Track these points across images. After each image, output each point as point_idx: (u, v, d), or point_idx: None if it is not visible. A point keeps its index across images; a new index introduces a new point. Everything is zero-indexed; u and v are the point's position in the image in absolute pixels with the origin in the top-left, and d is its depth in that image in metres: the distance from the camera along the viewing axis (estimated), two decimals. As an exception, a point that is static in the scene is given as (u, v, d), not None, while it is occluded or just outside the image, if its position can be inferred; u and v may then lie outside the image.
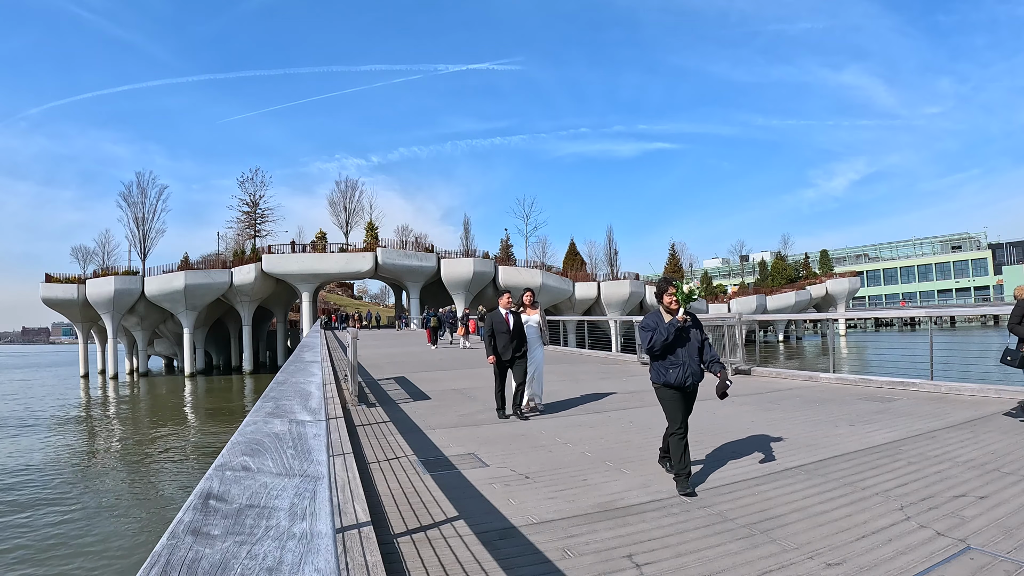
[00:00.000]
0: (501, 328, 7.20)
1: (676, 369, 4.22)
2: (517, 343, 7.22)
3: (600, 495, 4.06)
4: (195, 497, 1.05)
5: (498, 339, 7.18)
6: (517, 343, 7.22)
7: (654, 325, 4.31)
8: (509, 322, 7.24)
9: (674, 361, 4.24)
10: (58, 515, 12.71)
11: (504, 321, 7.24)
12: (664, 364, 4.27)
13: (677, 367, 4.23)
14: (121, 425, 25.60)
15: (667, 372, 4.25)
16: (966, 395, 7.48)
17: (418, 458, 5.21)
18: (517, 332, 7.26)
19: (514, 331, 7.21)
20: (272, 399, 2.34)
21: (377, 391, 9.84)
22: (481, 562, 3.01)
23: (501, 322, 7.22)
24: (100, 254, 51.25)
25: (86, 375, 47.78)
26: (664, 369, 4.27)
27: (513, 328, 7.22)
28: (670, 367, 4.24)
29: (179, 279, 44.30)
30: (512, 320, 7.26)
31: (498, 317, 7.27)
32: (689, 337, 4.31)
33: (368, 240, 51.40)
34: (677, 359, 4.24)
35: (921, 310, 10.74)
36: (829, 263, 79.43)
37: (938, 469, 4.34)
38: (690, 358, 4.25)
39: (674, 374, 4.22)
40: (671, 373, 4.23)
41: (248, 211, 55.62)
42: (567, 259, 61.40)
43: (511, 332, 7.20)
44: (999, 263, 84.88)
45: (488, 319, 7.27)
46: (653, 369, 4.38)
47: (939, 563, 2.80)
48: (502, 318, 7.26)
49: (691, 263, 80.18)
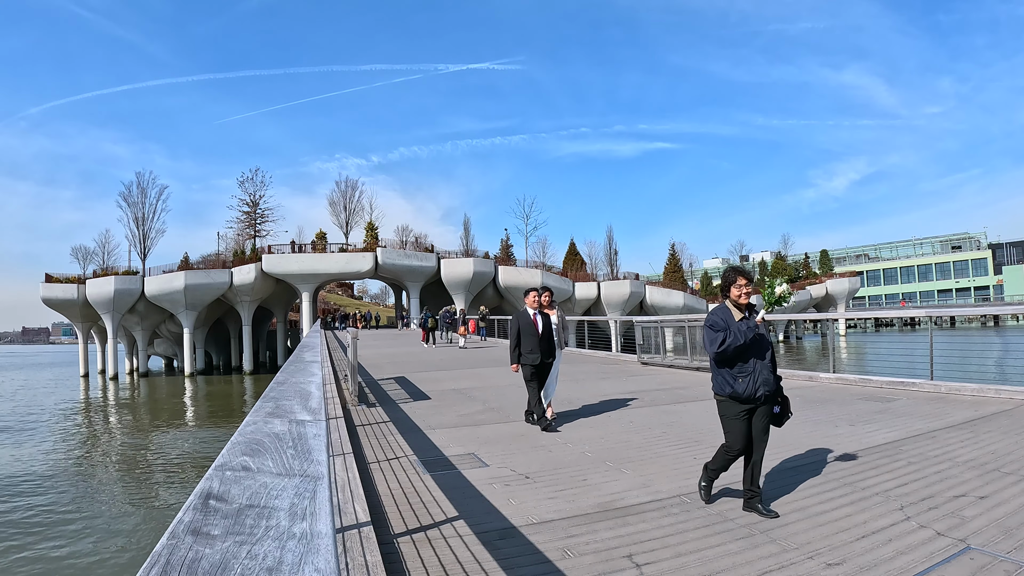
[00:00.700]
0: (529, 331, 6.48)
1: (746, 378, 3.60)
2: (547, 348, 6.50)
3: (600, 495, 4.06)
4: (195, 497, 1.05)
5: (525, 342, 6.47)
6: (547, 348, 6.50)
7: (724, 324, 3.65)
8: (538, 324, 6.51)
9: (744, 369, 3.61)
10: (58, 515, 12.70)
11: (532, 323, 6.51)
12: (732, 372, 3.63)
13: (747, 376, 3.60)
14: (121, 425, 25.59)
15: (735, 381, 3.61)
16: (966, 395, 7.48)
17: (418, 458, 5.21)
18: (547, 335, 6.53)
19: (544, 334, 6.49)
20: (272, 399, 2.34)
21: (377, 391, 9.84)
22: (481, 562, 3.01)
23: (529, 324, 6.51)
24: (100, 254, 51.33)
25: (86, 375, 47.79)
26: (731, 378, 3.63)
27: (543, 331, 6.50)
28: (739, 375, 3.61)
29: (179, 279, 44.31)
30: (541, 321, 6.54)
31: (525, 318, 6.56)
32: (762, 340, 3.68)
33: (368, 240, 51.42)
34: (748, 366, 3.61)
35: (921, 310, 10.75)
36: (829, 263, 79.43)
37: (938, 469, 4.34)
38: (763, 365, 3.64)
39: (743, 384, 3.59)
40: (740, 383, 3.60)
41: (248, 211, 55.68)
42: (567, 259, 61.38)
43: (540, 335, 6.47)
44: (999, 263, 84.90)
45: (514, 320, 6.58)
46: (717, 378, 3.74)
47: (939, 563, 2.80)
48: (530, 319, 6.54)
49: (691, 263, 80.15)
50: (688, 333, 11.93)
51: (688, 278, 70.57)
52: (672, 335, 15.15)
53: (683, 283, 62.27)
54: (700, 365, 11.58)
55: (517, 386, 10.10)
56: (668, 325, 13.89)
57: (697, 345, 11.77)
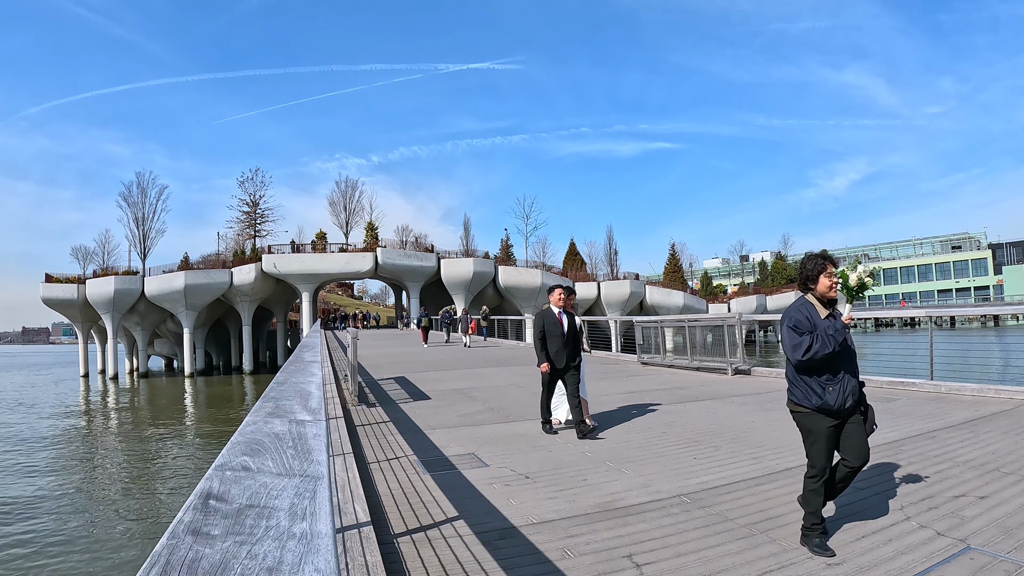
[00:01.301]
0: (555, 331, 6.16)
1: (835, 387, 3.07)
2: (572, 349, 6.19)
3: (600, 495, 4.06)
4: (195, 497, 1.05)
5: (550, 343, 6.14)
6: (572, 349, 6.19)
7: (810, 324, 3.11)
8: (563, 324, 6.20)
9: (833, 377, 3.09)
10: (57, 515, 12.70)
11: (558, 322, 6.20)
12: (820, 381, 3.09)
13: (836, 384, 3.08)
14: (120, 425, 25.60)
15: (824, 391, 3.07)
16: (966, 395, 7.48)
17: (418, 458, 5.21)
18: (572, 336, 6.22)
19: (569, 335, 6.18)
20: (272, 399, 2.34)
21: (377, 391, 9.84)
22: (481, 562, 3.01)
23: (555, 323, 6.20)
24: (100, 254, 51.45)
25: (86, 375, 47.81)
26: (820, 387, 3.08)
27: (568, 331, 6.19)
28: (827, 384, 3.08)
29: (179, 279, 44.31)
30: (566, 321, 6.23)
31: (551, 317, 6.24)
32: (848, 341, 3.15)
33: (368, 240, 51.44)
34: (837, 373, 3.09)
35: (921, 310, 10.75)
36: (829, 263, 79.25)
37: (938, 469, 4.34)
38: (851, 370, 3.13)
39: (834, 394, 3.06)
40: (829, 393, 3.06)
41: (248, 211, 55.73)
42: (567, 259, 61.43)
43: (566, 336, 6.15)
44: (999, 263, 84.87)
45: (538, 319, 6.27)
46: (800, 387, 3.15)
47: (939, 563, 2.80)
48: (555, 318, 6.22)
49: (691, 263, 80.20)
50: (688, 333, 11.93)
51: (688, 278, 70.62)
52: (672, 335, 15.17)
53: (683, 283, 62.31)
54: (700, 365, 11.58)
55: (517, 386, 10.11)
56: (668, 325, 13.89)
57: (698, 345, 11.78)
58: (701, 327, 11.86)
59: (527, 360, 15.35)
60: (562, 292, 6.33)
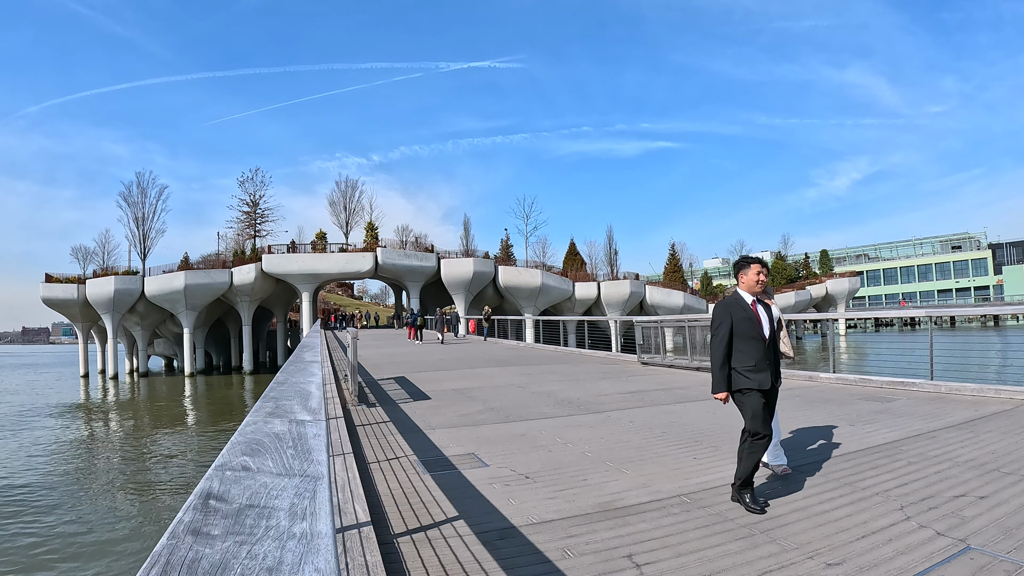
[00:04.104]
0: (749, 330, 3.87)
1: None
2: (775, 362, 3.99)
3: (600, 495, 4.06)
4: (195, 497, 1.05)
5: (744, 350, 3.86)
6: (775, 362, 3.99)
7: None
8: (761, 319, 3.91)
9: None
10: (57, 515, 12.70)
11: (754, 318, 3.90)
12: None
13: None
14: (120, 425, 25.60)
15: None
16: (966, 395, 7.48)
17: (418, 458, 5.21)
18: (773, 340, 3.95)
19: (771, 337, 3.93)
20: (272, 399, 2.34)
21: (377, 391, 9.84)
22: (481, 562, 3.01)
23: (749, 320, 3.90)
24: (100, 254, 51.33)
25: (86, 375, 47.80)
26: None
27: (769, 331, 3.92)
28: None
29: (179, 279, 44.30)
30: (764, 316, 3.93)
31: (741, 310, 3.94)
32: None
33: (368, 240, 51.43)
34: None
35: (921, 310, 10.74)
36: (829, 263, 79.41)
37: (938, 469, 4.34)
38: None
39: None
40: None
41: (248, 211, 55.66)
42: (567, 259, 61.38)
43: (767, 339, 3.89)
44: (999, 263, 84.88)
45: (722, 312, 3.97)
46: None
47: (939, 563, 2.80)
48: (750, 312, 3.93)
49: (691, 263, 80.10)
50: (688, 333, 11.92)
51: (688, 278, 70.56)
52: (672, 335, 15.16)
53: (683, 283, 62.25)
54: (700, 365, 11.57)
55: (517, 386, 10.09)
56: (668, 325, 13.88)
57: (697, 345, 11.77)
58: (701, 327, 11.85)
59: (527, 360, 15.35)
60: (760, 270, 4.00)
